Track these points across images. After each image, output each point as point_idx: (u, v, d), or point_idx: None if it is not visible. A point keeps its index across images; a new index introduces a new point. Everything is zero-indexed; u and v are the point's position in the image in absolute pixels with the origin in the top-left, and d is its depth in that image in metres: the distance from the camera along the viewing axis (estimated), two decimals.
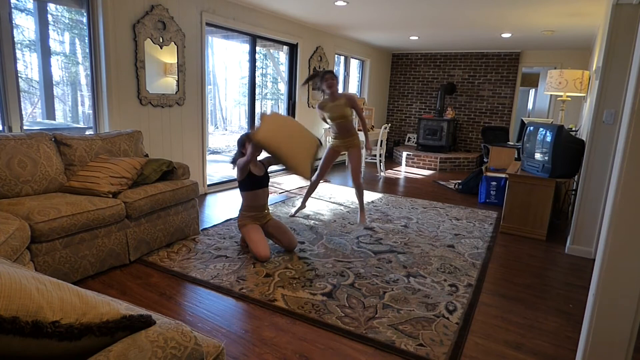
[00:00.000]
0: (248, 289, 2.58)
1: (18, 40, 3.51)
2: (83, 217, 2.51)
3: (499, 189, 4.94)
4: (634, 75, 1.59)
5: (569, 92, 4.85)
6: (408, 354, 1.99)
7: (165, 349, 0.89)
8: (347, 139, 3.85)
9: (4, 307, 0.71)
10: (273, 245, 3.29)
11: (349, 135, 3.84)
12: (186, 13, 4.37)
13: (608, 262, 1.62)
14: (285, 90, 6.54)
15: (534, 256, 3.41)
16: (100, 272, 2.71)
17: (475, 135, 8.41)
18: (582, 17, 4.81)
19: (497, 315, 2.42)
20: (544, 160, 3.77)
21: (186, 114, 4.59)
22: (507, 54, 7.89)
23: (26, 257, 2.22)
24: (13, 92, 3.16)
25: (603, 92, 3.06)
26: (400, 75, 9.11)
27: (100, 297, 0.94)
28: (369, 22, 5.91)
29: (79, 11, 3.95)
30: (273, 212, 4.30)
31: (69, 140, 2.99)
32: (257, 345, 2.04)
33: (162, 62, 4.22)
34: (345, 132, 3.82)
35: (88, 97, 4.20)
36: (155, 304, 2.40)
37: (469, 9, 4.77)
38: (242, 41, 6.81)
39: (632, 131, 1.53)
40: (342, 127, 3.80)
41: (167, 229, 3.19)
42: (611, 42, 3.00)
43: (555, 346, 2.14)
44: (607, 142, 3.13)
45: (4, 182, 2.55)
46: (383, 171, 6.84)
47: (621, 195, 1.56)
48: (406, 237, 3.70)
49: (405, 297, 2.57)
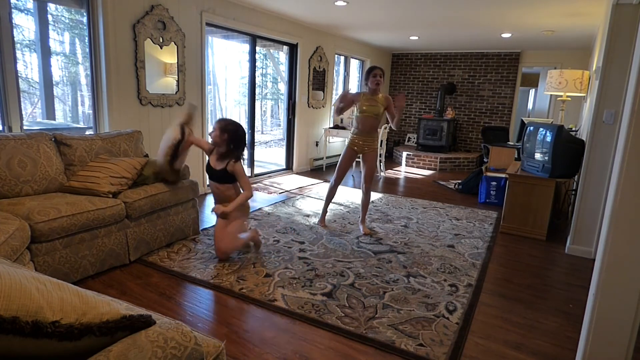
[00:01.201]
0: (248, 289, 2.58)
1: (18, 40, 3.51)
2: (83, 217, 2.51)
3: (499, 189, 4.94)
4: (634, 75, 1.59)
5: (569, 92, 4.85)
6: (408, 354, 1.99)
7: (165, 349, 0.89)
8: (368, 139, 3.64)
9: (4, 307, 0.71)
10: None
11: (370, 135, 3.65)
12: (186, 13, 4.37)
13: (608, 262, 1.62)
14: (285, 90, 6.54)
15: (534, 256, 3.41)
16: (100, 272, 2.71)
17: (475, 135, 8.41)
18: (582, 17, 4.81)
19: (497, 315, 2.42)
20: (544, 160, 3.77)
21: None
22: (507, 54, 7.89)
23: (26, 257, 2.22)
24: (13, 92, 3.16)
25: (603, 92, 3.06)
26: (400, 75, 9.11)
27: (100, 297, 0.94)
28: (369, 22, 5.91)
29: (79, 11, 3.95)
30: (273, 212, 4.30)
31: (69, 140, 2.99)
32: (257, 345, 2.04)
33: (162, 62, 4.22)
34: (369, 129, 3.63)
35: (88, 97, 4.20)
36: (155, 304, 2.40)
37: (469, 9, 4.77)
38: (242, 41, 6.81)
39: (632, 131, 1.53)
40: (367, 124, 3.60)
41: (167, 229, 3.19)
42: (611, 42, 3.00)
43: (555, 346, 2.14)
44: (607, 142, 3.13)
45: (4, 182, 2.55)
46: (383, 171, 6.84)
47: (621, 195, 1.56)
48: (406, 237, 3.70)
49: (405, 297, 2.57)
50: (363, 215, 3.83)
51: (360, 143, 3.67)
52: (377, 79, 3.52)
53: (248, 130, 5.89)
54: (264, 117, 13.81)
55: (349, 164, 3.78)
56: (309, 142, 6.99)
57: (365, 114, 3.57)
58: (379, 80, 3.53)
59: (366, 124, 3.61)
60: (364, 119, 3.60)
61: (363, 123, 3.62)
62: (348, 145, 3.73)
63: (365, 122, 3.61)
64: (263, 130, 13.35)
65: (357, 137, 3.67)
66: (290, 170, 6.72)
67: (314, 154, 7.14)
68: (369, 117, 3.58)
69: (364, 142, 3.66)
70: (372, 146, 3.67)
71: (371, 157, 3.69)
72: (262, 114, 13.60)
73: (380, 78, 3.53)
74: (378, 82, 3.53)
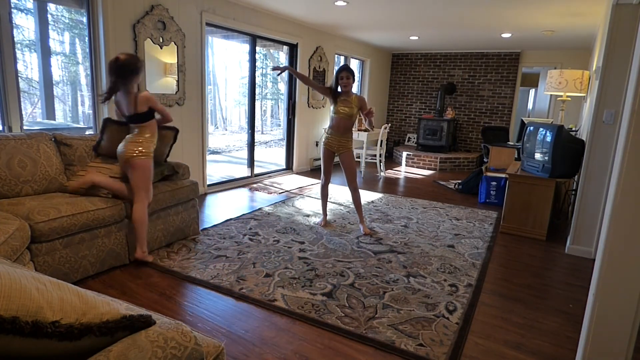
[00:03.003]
0: (248, 289, 2.58)
1: (18, 40, 3.51)
2: (83, 217, 2.51)
3: (499, 189, 4.94)
4: (634, 75, 1.59)
5: (569, 92, 4.85)
6: (408, 354, 1.99)
7: (165, 349, 0.89)
8: (342, 139, 3.70)
9: (4, 307, 0.71)
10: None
11: (344, 135, 3.70)
12: (186, 13, 4.37)
13: (608, 262, 1.62)
14: (285, 90, 6.54)
15: (533, 256, 3.41)
16: (100, 272, 2.71)
17: (475, 135, 8.41)
18: (582, 17, 4.81)
19: (497, 315, 2.42)
20: (544, 160, 3.77)
21: (186, 114, 4.59)
22: (507, 54, 7.89)
23: (26, 257, 2.22)
24: (13, 92, 3.16)
25: (603, 92, 3.06)
26: (400, 75, 9.11)
27: (100, 297, 0.94)
28: (369, 22, 5.91)
29: (79, 11, 3.96)
30: (273, 212, 4.30)
31: (69, 140, 2.99)
32: (257, 345, 2.04)
33: (162, 62, 4.22)
34: (343, 130, 3.69)
35: (88, 97, 4.20)
36: (155, 304, 2.40)
37: (469, 9, 4.77)
38: (242, 41, 6.82)
39: (632, 131, 1.53)
40: (341, 125, 3.67)
41: (167, 229, 3.19)
42: (611, 42, 3.00)
43: (555, 346, 2.14)
44: (607, 142, 3.13)
45: (4, 182, 2.55)
46: (383, 171, 6.84)
47: (621, 195, 1.56)
48: (406, 237, 3.70)
49: (405, 297, 2.57)
50: (360, 215, 3.85)
51: (334, 144, 3.73)
52: (345, 82, 3.57)
53: (248, 130, 5.90)
54: (264, 117, 13.82)
55: (330, 162, 3.86)
56: (309, 142, 6.99)
57: (339, 115, 3.64)
58: (347, 83, 3.57)
59: (340, 125, 3.68)
60: (338, 120, 3.67)
61: (337, 124, 3.68)
62: (324, 145, 3.79)
63: (340, 123, 3.67)
64: (263, 130, 13.36)
65: (331, 137, 3.73)
66: (290, 170, 6.72)
67: (314, 154, 7.14)
68: (342, 119, 3.65)
69: (339, 143, 3.72)
70: (346, 146, 3.73)
71: (348, 157, 3.74)
72: (262, 114, 13.61)
73: (348, 80, 3.57)
74: (346, 85, 3.58)
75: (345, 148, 3.72)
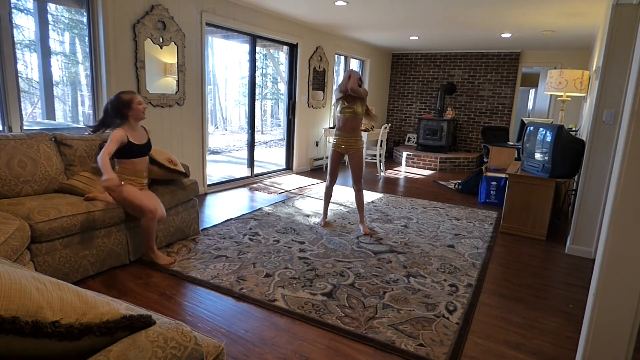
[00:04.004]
0: (248, 289, 2.58)
1: (18, 40, 3.51)
2: (83, 217, 2.51)
3: (499, 189, 4.94)
4: (634, 75, 1.59)
5: (569, 92, 4.85)
6: (408, 354, 1.99)
7: (165, 349, 0.89)
8: (351, 138, 3.67)
9: (4, 307, 0.71)
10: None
11: (353, 134, 3.68)
12: (186, 13, 4.37)
13: (608, 262, 1.62)
14: (285, 90, 6.54)
15: (534, 256, 3.41)
16: (100, 272, 2.71)
17: (475, 135, 8.41)
18: (582, 17, 4.81)
19: (497, 315, 2.42)
20: (544, 160, 3.77)
21: (186, 114, 4.59)
22: (507, 54, 7.89)
23: (26, 257, 2.22)
24: (13, 92, 3.16)
25: (603, 92, 3.06)
26: (400, 75, 9.11)
27: (100, 297, 0.94)
28: (369, 22, 5.91)
29: (79, 11, 3.96)
30: (273, 212, 4.30)
31: (69, 140, 2.98)
32: (257, 345, 2.04)
33: (162, 62, 4.22)
34: (350, 129, 3.66)
35: (88, 97, 4.20)
36: (155, 304, 2.40)
37: (469, 9, 4.77)
38: (242, 41, 6.82)
39: (632, 131, 1.53)
40: (348, 124, 3.65)
41: (167, 229, 3.19)
42: (611, 42, 3.00)
43: (555, 346, 2.14)
44: (607, 142, 3.13)
45: (4, 182, 2.55)
46: (383, 171, 6.84)
47: (621, 195, 1.56)
48: (406, 237, 3.70)
49: (405, 297, 2.57)
50: (361, 215, 3.85)
51: (343, 145, 3.71)
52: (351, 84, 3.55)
53: (248, 130, 5.90)
54: (264, 117, 13.83)
55: (338, 165, 3.83)
56: (309, 142, 6.99)
57: (344, 115, 3.64)
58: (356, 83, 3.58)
59: (347, 124, 3.67)
60: (344, 120, 3.67)
61: (344, 123, 3.68)
62: (333, 147, 3.78)
63: (347, 122, 3.66)
64: (263, 130, 13.36)
65: (340, 138, 3.72)
66: (290, 170, 6.72)
67: (314, 154, 7.14)
68: (348, 118, 3.64)
69: (348, 143, 3.70)
70: (355, 146, 3.71)
71: (357, 158, 3.73)
72: (262, 114, 13.61)
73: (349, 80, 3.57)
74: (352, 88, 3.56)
75: (355, 149, 3.70)
